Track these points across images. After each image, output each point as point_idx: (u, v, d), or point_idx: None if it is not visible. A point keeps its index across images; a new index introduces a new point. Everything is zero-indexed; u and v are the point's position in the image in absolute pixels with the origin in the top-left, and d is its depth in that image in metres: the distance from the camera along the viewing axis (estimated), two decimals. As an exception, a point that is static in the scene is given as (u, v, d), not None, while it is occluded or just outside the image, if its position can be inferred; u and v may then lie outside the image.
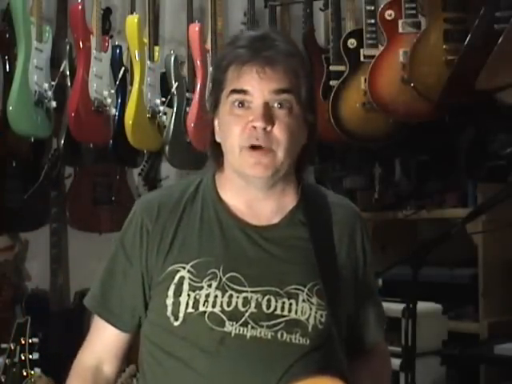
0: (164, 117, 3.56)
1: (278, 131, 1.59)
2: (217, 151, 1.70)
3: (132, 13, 3.59)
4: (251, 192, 1.67)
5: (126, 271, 1.69)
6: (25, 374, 2.79)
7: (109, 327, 1.71)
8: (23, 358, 2.79)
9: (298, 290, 1.62)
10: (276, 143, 1.59)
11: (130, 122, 3.43)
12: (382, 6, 3.52)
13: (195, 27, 3.67)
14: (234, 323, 1.58)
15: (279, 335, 1.58)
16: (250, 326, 1.58)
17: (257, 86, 1.59)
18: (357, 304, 1.73)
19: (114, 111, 3.48)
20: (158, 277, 1.64)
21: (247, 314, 1.58)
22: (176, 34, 3.96)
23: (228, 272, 1.61)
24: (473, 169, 3.63)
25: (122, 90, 3.56)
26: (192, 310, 1.59)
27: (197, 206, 1.69)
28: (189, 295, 1.60)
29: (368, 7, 3.56)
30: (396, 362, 3.03)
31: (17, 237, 3.60)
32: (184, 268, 1.62)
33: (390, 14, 3.47)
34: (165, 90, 3.61)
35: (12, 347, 2.81)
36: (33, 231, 3.58)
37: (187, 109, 3.63)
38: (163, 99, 3.58)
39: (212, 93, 1.67)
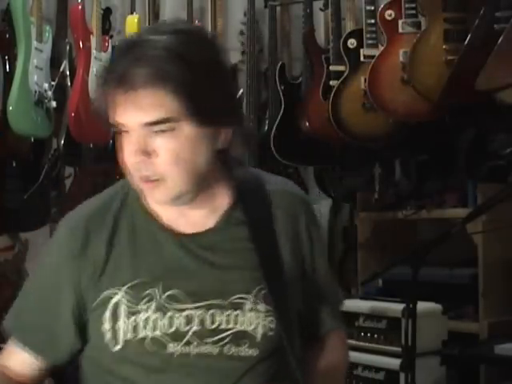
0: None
1: (160, 161, 1.43)
2: None
3: (132, 13, 3.60)
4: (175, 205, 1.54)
5: (54, 301, 1.57)
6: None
7: (31, 356, 1.59)
8: (23, 357, 2.79)
9: (243, 298, 1.52)
10: (161, 173, 1.44)
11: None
12: (381, 5, 3.52)
13: (195, 27, 3.67)
14: (177, 344, 1.50)
15: (226, 350, 1.51)
16: (194, 345, 1.50)
17: (130, 119, 1.44)
18: (306, 295, 1.63)
19: (113, 111, 3.48)
20: (91, 303, 1.53)
21: (190, 333, 1.50)
22: (176, 34, 3.95)
23: (167, 290, 1.51)
24: (473, 169, 3.63)
25: (122, 90, 3.56)
26: (131, 337, 1.50)
27: (126, 222, 1.56)
28: (126, 321, 1.50)
29: (368, 7, 3.56)
30: (396, 362, 3.03)
31: (17, 237, 3.60)
32: (119, 292, 1.51)
33: (389, 14, 3.47)
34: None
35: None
36: (33, 231, 3.58)
37: (187, 109, 3.63)
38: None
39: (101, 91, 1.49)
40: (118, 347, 1.51)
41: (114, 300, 1.51)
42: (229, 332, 1.51)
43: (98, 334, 1.52)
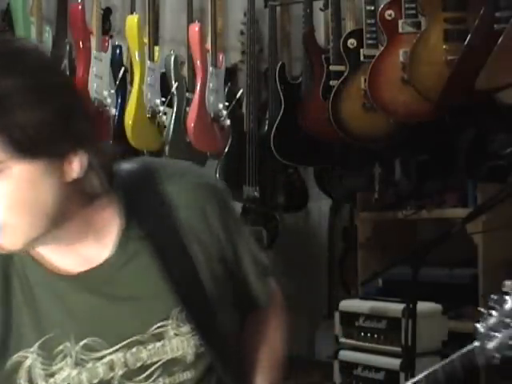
0: (164, 117, 3.56)
1: None
2: None
3: (132, 13, 3.59)
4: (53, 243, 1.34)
5: None
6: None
7: None
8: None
9: (163, 326, 1.36)
10: None
11: (130, 122, 3.43)
12: (382, 5, 3.52)
13: (195, 27, 3.67)
14: None
15: (160, 383, 1.38)
16: None
17: None
18: (236, 286, 1.46)
19: (113, 111, 3.48)
20: (0, 370, 1.35)
21: (117, 380, 1.36)
22: (176, 34, 3.96)
23: (80, 341, 1.34)
24: (473, 169, 3.63)
25: (122, 90, 3.56)
26: None
27: (17, 275, 1.35)
28: None
29: (368, 7, 3.56)
30: (396, 362, 3.03)
31: (17, 237, 3.60)
32: (29, 354, 1.34)
33: (389, 14, 3.47)
34: (165, 89, 3.61)
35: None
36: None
37: (187, 109, 3.63)
38: (163, 99, 3.58)
39: None
40: None
41: (25, 365, 1.34)
42: (157, 364, 1.37)
43: None
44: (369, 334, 3.19)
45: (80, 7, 3.37)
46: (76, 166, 1.25)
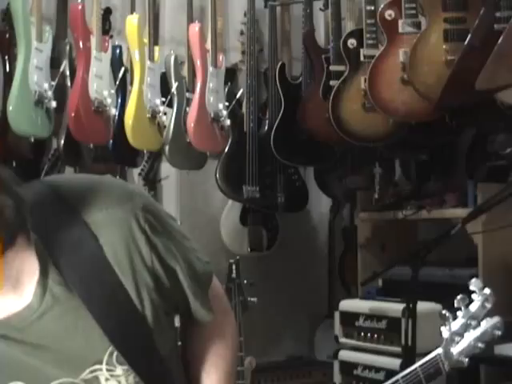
0: (164, 117, 3.56)
1: None
2: None
3: (132, 13, 3.59)
4: None
5: None
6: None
7: None
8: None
9: (96, 370, 1.28)
10: None
11: (130, 122, 3.43)
12: (382, 5, 3.52)
13: (195, 27, 3.67)
14: None
15: None
16: None
17: None
18: (172, 296, 1.37)
19: (114, 111, 3.48)
20: None
21: None
22: (176, 34, 3.96)
23: None
24: (473, 169, 3.63)
25: (122, 90, 3.56)
26: None
27: None
28: None
29: (368, 7, 3.56)
30: (396, 362, 3.04)
31: (17, 237, 3.60)
32: None
33: (389, 14, 3.47)
34: (165, 90, 3.61)
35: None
36: (33, 231, 3.58)
37: (187, 109, 3.63)
38: (163, 99, 3.58)
39: None
40: None
41: None
42: None
43: None
44: (369, 334, 3.19)
45: (80, 7, 3.37)
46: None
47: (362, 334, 3.22)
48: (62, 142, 3.40)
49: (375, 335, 3.16)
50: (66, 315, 1.26)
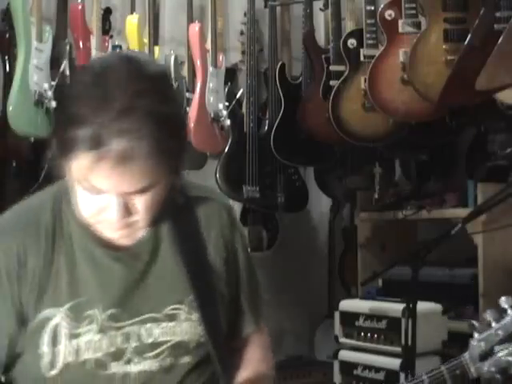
0: (164, 117, 3.56)
1: (138, 214, 1.43)
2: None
3: (132, 13, 3.59)
4: None
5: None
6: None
7: None
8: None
9: (177, 309, 1.52)
10: (135, 222, 1.44)
11: (130, 122, 3.43)
12: (382, 5, 3.52)
13: (195, 27, 3.67)
14: (118, 363, 1.48)
15: (164, 363, 1.51)
16: (134, 362, 1.49)
17: (113, 188, 1.37)
18: (232, 297, 1.62)
19: (113, 111, 3.47)
20: (31, 321, 1.46)
21: (130, 350, 1.48)
22: (176, 34, 3.96)
23: (106, 310, 1.47)
24: (473, 169, 3.63)
25: (122, 90, 3.56)
26: (72, 360, 1.46)
27: (62, 236, 1.49)
28: (67, 344, 1.45)
29: (368, 7, 3.56)
30: (396, 362, 3.04)
31: (17, 237, 3.60)
32: (58, 313, 1.46)
33: (389, 14, 3.47)
34: (165, 90, 3.60)
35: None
36: (33, 231, 3.58)
37: (187, 109, 3.63)
38: (163, 99, 3.57)
39: (60, 141, 1.37)
40: (54, 372, 1.45)
41: (53, 322, 1.45)
42: (167, 345, 1.51)
43: (34, 357, 1.46)
44: (369, 334, 3.19)
45: (80, 7, 3.37)
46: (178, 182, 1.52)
47: (362, 334, 3.21)
48: (62, 142, 3.40)
49: (375, 335, 3.16)
50: (167, 259, 1.53)
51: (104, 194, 1.38)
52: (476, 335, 1.72)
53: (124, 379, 1.48)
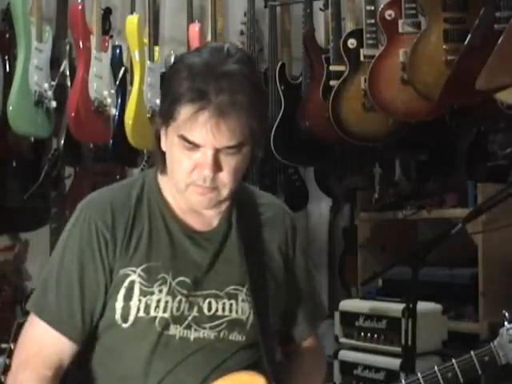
0: (164, 117, 3.56)
1: (225, 175, 1.62)
2: (162, 158, 1.69)
3: (132, 13, 3.59)
4: None
5: (88, 284, 1.66)
6: (25, 373, 2.78)
7: (61, 338, 1.66)
8: (23, 357, 2.79)
9: (237, 290, 1.70)
10: (222, 184, 1.63)
11: (130, 122, 3.43)
12: (382, 5, 3.52)
13: (195, 27, 3.67)
14: (178, 327, 1.65)
15: (221, 334, 1.67)
16: (193, 329, 1.66)
17: (209, 142, 1.58)
18: (288, 299, 1.78)
19: (113, 111, 3.48)
20: (113, 280, 1.66)
21: (190, 318, 1.66)
22: (176, 34, 3.96)
23: (177, 277, 1.67)
24: (473, 169, 3.63)
25: (122, 90, 3.56)
26: (143, 315, 1.64)
27: (144, 209, 1.72)
28: (140, 300, 1.64)
29: (368, 7, 3.56)
30: (396, 362, 3.04)
31: (17, 237, 3.60)
32: (134, 272, 1.65)
33: (389, 14, 3.47)
34: (165, 89, 3.60)
35: (12, 347, 2.81)
36: (33, 231, 3.58)
37: (187, 109, 3.63)
38: (163, 99, 3.57)
39: (164, 106, 1.63)
40: (127, 324, 1.64)
41: (129, 279, 1.65)
42: (224, 319, 1.67)
43: (111, 311, 1.65)
44: (369, 334, 3.19)
45: (80, 7, 3.37)
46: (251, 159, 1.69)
47: (362, 333, 3.21)
48: (62, 142, 3.40)
49: (375, 335, 3.17)
50: (233, 246, 1.72)
51: (200, 150, 1.58)
52: (506, 324, 1.77)
53: (181, 342, 1.64)
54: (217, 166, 1.60)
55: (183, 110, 1.57)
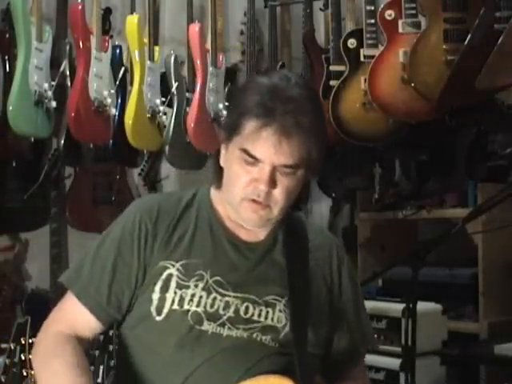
0: (164, 117, 3.56)
1: (279, 193, 1.69)
2: (219, 173, 1.79)
3: (132, 13, 3.59)
4: None
5: (120, 268, 1.75)
6: (25, 373, 2.78)
7: (87, 314, 1.75)
8: (23, 357, 2.79)
9: (276, 300, 1.74)
10: (274, 202, 1.70)
11: (130, 122, 3.43)
12: (382, 5, 3.52)
13: (195, 27, 3.67)
14: (212, 323, 1.69)
15: (254, 336, 1.70)
16: (226, 327, 1.69)
17: (269, 157, 1.65)
18: (333, 327, 1.82)
19: (113, 111, 3.47)
20: (151, 270, 1.73)
21: (225, 317, 1.70)
22: (176, 34, 3.96)
23: (214, 276, 1.72)
24: (473, 169, 3.63)
25: (122, 90, 3.55)
26: (177, 307, 1.69)
27: (192, 213, 1.80)
28: (175, 293, 1.70)
29: (368, 7, 3.56)
30: (396, 362, 3.04)
31: (17, 237, 3.60)
32: (173, 266, 1.72)
33: (389, 14, 3.47)
34: (165, 89, 3.60)
35: (12, 347, 2.81)
36: (33, 231, 3.58)
37: (187, 109, 3.63)
38: (163, 99, 3.57)
39: (230, 120, 1.72)
40: (161, 317, 1.69)
41: (167, 272, 1.71)
42: (259, 324, 1.71)
43: (147, 302, 1.71)
44: (369, 334, 3.19)
45: (80, 7, 3.37)
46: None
47: (362, 333, 3.21)
48: (62, 142, 3.39)
49: (375, 335, 3.16)
50: (276, 261, 1.78)
51: (258, 165, 1.66)
52: None
53: (213, 337, 1.68)
54: (272, 183, 1.67)
55: (249, 123, 1.65)
